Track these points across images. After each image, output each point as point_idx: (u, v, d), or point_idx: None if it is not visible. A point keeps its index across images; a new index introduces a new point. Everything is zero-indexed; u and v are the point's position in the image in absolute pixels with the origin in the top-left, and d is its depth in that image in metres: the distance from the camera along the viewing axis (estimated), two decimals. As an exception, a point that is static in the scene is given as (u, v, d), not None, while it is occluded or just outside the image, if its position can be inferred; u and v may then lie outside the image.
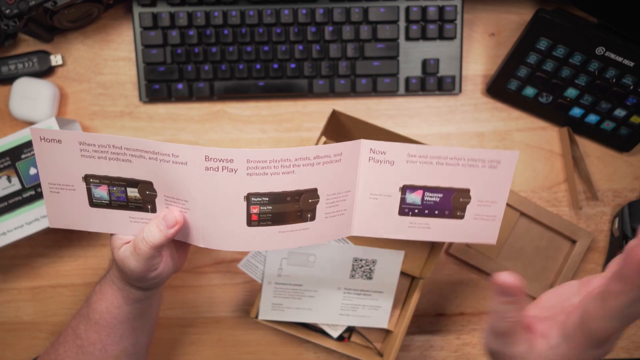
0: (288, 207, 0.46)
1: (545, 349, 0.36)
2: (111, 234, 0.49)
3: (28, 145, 0.59)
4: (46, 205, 0.48)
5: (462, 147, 0.68)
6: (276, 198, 0.45)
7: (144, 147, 0.44)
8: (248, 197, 0.45)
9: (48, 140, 0.45)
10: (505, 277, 0.34)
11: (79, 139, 0.45)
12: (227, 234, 0.46)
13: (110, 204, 0.47)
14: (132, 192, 0.47)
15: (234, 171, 0.43)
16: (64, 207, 0.48)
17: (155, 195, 0.46)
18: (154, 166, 0.45)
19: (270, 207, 0.45)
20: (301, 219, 0.47)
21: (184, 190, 0.45)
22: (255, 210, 0.45)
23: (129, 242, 0.48)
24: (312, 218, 0.47)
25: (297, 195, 0.45)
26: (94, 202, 0.48)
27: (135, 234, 0.48)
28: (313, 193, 0.46)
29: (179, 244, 0.52)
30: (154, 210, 0.47)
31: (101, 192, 0.47)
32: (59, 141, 0.45)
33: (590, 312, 0.33)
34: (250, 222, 0.46)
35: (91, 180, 0.47)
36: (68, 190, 0.47)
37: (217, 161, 0.43)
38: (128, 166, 0.45)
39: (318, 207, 0.47)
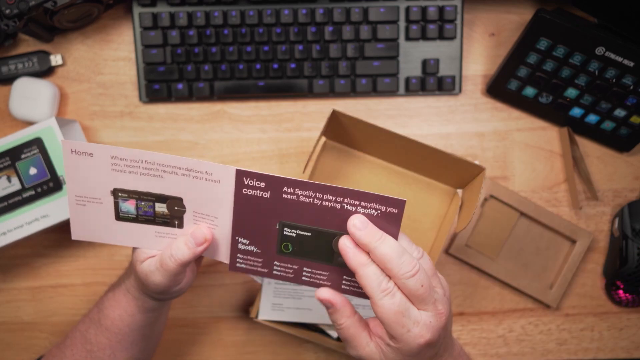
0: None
1: (383, 348, 0.43)
2: (134, 247, 0.49)
3: (28, 145, 0.59)
4: (70, 217, 0.48)
5: (461, 146, 0.68)
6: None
7: (177, 164, 0.44)
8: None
9: (79, 154, 0.45)
10: (321, 293, 0.44)
11: (112, 153, 0.44)
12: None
13: (137, 219, 0.47)
14: (161, 208, 0.47)
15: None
16: (89, 220, 0.48)
17: (184, 212, 0.46)
18: (186, 183, 0.45)
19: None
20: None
21: (215, 207, 0.45)
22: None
23: (152, 256, 0.47)
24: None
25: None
26: (120, 216, 0.47)
27: (159, 248, 0.48)
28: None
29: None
30: (181, 225, 0.47)
31: (129, 206, 0.47)
32: (91, 154, 0.45)
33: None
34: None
35: (120, 194, 0.46)
36: (95, 203, 0.47)
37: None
38: (159, 182, 0.45)
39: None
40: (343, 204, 0.42)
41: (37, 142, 0.59)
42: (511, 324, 0.69)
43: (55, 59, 0.66)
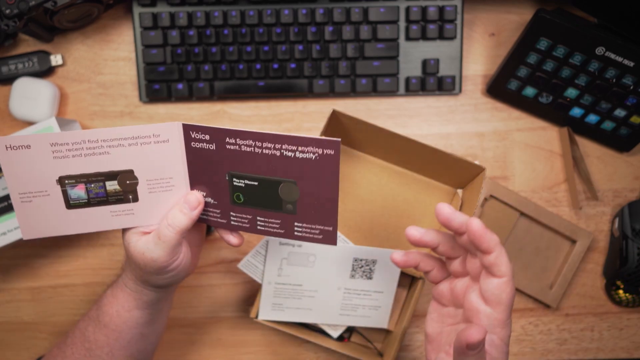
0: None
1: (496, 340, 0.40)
2: (122, 233, 0.49)
3: (28, 145, 0.59)
4: (17, 217, 0.45)
5: (461, 146, 0.68)
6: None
7: (122, 135, 0.44)
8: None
9: (15, 148, 0.43)
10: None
11: (51, 140, 0.43)
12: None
13: (89, 202, 0.46)
14: (112, 186, 0.46)
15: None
16: (38, 215, 0.46)
17: (137, 183, 0.46)
18: (134, 152, 0.44)
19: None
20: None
21: (168, 168, 0.46)
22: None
23: (146, 234, 0.47)
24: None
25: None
26: (71, 204, 0.46)
27: (118, 227, 0.48)
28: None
29: (191, 241, 0.52)
30: (136, 199, 0.46)
31: (78, 191, 0.45)
32: (28, 147, 0.43)
33: None
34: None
35: (66, 181, 0.45)
36: (41, 196, 0.45)
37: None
38: (106, 159, 0.44)
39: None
40: (282, 150, 0.43)
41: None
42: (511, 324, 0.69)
43: (55, 59, 0.66)
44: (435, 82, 0.67)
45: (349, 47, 0.66)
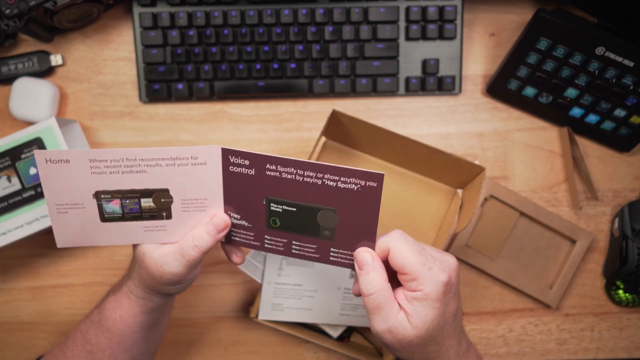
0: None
1: (409, 308, 0.42)
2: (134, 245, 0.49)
3: (28, 145, 0.59)
4: (53, 227, 0.47)
5: (461, 146, 0.68)
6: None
7: (160, 156, 0.44)
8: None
9: (55, 162, 0.44)
10: (359, 249, 0.44)
11: (89, 156, 0.44)
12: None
13: (123, 217, 0.47)
14: (147, 203, 0.46)
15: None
16: (73, 226, 0.47)
17: (171, 202, 0.46)
18: (171, 172, 0.45)
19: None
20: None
21: (203, 189, 0.46)
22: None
23: (163, 244, 0.48)
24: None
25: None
26: (105, 217, 0.47)
27: (150, 242, 0.48)
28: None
29: None
30: (169, 216, 0.47)
31: (113, 206, 0.46)
32: (67, 161, 0.44)
33: None
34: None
35: (102, 196, 0.46)
36: (77, 209, 0.46)
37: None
38: (142, 177, 0.45)
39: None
40: (324, 180, 0.43)
41: (37, 142, 0.59)
42: (511, 324, 0.69)
43: (55, 59, 0.66)
44: (435, 82, 0.67)
45: (349, 47, 0.66)
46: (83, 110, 0.67)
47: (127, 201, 0.46)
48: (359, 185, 0.42)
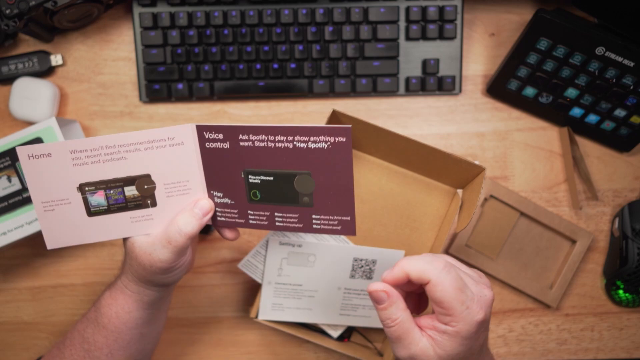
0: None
1: (437, 339, 0.41)
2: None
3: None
4: (42, 227, 0.46)
5: (461, 146, 0.68)
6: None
7: (138, 139, 0.44)
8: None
9: (37, 157, 0.44)
10: (374, 286, 0.41)
11: (70, 147, 0.44)
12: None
13: (109, 209, 0.47)
14: (130, 191, 0.46)
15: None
16: (61, 224, 0.47)
17: (155, 187, 0.46)
18: (150, 156, 0.45)
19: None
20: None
21: (184, 170, 0.46)
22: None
23: (148, 235, 0.48)
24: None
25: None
26: (92, 211, 0.47)
27: (139, 233, 0.48)
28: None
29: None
30: (154, 204, 0.47)
31: (98, 198, 0.46)
32: (49, 155, 0.44)
33: None
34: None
35: (86, 188, 0.46)
36: (63, 204, 0.46)
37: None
38: (123, 164, 0.45)
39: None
40: (294, 142, 0.43)
41: (38, 142, 0.59)
42: (511, 324, 0.69)
43: (55, 59, 0.66)
44: (435, 82, 0.67)
45: (349, 47, 0.66)
46: (83, 110, 0.67)
47: (111, 191, 0.46)
48: (328, 143, 0.43)
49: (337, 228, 0.46)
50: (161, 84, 0.66)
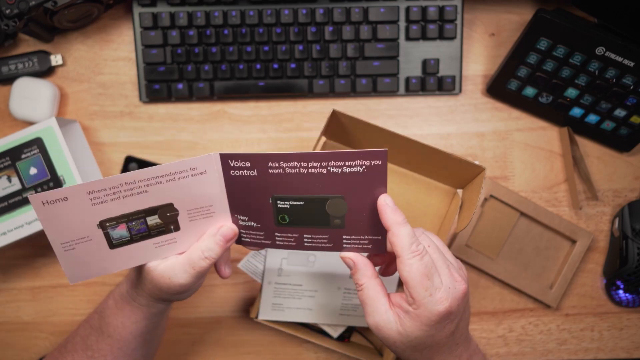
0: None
1: (401, 316, 0.42)
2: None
3: (28, 145, 0.59)
4: (62, 265, 0.45)
5: (461, 146, 0.68)
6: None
7: (159, 173, 0.43)
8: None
9: (52, 202, 0.42)
10: (344, 253, 0.45)
11: (87, 188, 0.42)
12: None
13: (132, 239, 0.46)
14: (153, 220, 0.45)
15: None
16: (82, 260, 0.45)
17: (177, 214, 0.46)
18: (172, 187, 0.44)
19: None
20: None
21: (207, 197, 0.46)
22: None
23: (165, 258, 0.47)
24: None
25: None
26: (114, 244, 0.46)
27: (163, 257, 0.47)
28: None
29: None
30: (177, 228, 0.46)
31: (120, 231, 0.45)
32: (65, 199, 0.42)
33: None
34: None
35: (107, 224, 0.44)
36: (84, 242, 0.45)
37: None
38: (145, 197, 0.44)
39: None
40: (328, 168, 0.42)
41: (38, 142, 0.59)
42: (511, 324, 0.69)
43: (55, 59, 0.66)
44: (435, 82, 0.67)
45: (349, 47, 0.66)
46: (83, 110, 0.67)
47: (133, 223, 0.45)
48: (364, 167, 0.42)
49: (368, 247, 0.45)
50: (161, 84, 0.66)
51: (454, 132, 0.68)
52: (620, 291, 0.67)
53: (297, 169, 0.43)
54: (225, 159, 0.44)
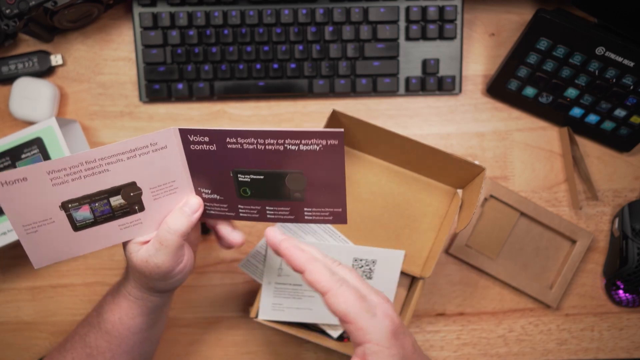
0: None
1: None
2: (123, 243, 0.49)
3: (28, 145, 0.59)
4: (25, 248, 0.44)
5: (461, 146, 0.68)
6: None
7: (119, 150, 0.43)
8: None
9: (11, 183, 0.41)
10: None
11: (47, 168, 0.42)
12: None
13: (96, 221, 0.45)
14: (116, 201, 0.45)
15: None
16: (46, 243, 0.44)
17: (141, 193, 0.46)
18: (134, 164, 0.44)
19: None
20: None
21: (170, 172, 0.46)
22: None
23: (146, 242, 0.47)
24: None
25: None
26: (77, 226, 0.45)
27: (128, 239, 0.47)
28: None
29: (190, 241, 0.52)
30: (141, 208, 0.46)
31: (83, 213, 0.44)
32: (24, 179, 0.42)
33: None
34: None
35: (70, 205, 0.44)
36: (46, 224, 0.44)
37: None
38: (106, 176, 0.44)
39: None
40: (285, 145, 0.43)
41: (38, 142, 0.59)
42: (511, 324, 0.69)
43: (55, 59, 0.66)
44: (435, 82, 0.67)
45: (349, 47, 0.66)
46: (83, 110, 0.67)
47: (96, 204, 0.44)
48: (320, 145, 0.43)
49: (329, 218, 0.46)
50: (161, 84, 0.66)
51: (454, 132, 0.68)
52: (620, 291, 0.67)
53: (255, 145, 0.44)
54: (184, 133, 0.44)
